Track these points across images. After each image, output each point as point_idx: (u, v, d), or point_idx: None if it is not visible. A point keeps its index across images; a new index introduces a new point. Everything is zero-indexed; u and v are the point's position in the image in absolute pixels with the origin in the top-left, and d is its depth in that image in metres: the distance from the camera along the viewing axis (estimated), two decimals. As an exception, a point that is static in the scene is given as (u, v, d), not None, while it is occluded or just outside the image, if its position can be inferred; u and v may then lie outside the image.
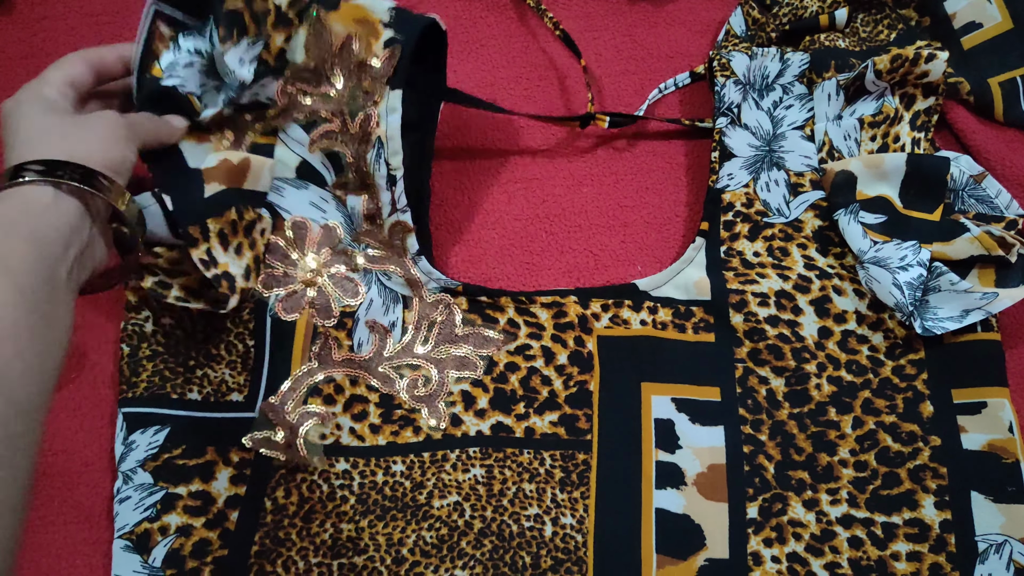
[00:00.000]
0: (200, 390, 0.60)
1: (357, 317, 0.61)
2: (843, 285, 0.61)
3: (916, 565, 0.54)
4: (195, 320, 0.61)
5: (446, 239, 0.67)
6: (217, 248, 0.57)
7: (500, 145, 0.70)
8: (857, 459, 0.57)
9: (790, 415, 0.58)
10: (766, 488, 0.57)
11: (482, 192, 0.69)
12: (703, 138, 0.70)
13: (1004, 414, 0.57)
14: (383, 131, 0.61)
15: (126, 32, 0.73)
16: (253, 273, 0.60)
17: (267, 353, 0.60)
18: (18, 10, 0.74)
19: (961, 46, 0.68)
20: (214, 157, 0.58)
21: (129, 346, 0.60)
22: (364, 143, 0.61)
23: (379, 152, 0.61)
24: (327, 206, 0.62)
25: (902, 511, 0.56)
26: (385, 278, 0.62)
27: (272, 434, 0.58)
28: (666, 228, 0.67)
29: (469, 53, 0.73)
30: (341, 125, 0.61)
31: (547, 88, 0.72)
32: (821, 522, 0.56)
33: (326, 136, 0.61)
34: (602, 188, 0.69)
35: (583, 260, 0.66)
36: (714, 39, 0.73)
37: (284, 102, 0.61)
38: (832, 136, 0.64)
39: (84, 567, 0.58)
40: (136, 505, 0.57)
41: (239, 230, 0.59)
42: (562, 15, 0.74)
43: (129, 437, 0.58)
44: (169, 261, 0.58)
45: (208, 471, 0.58)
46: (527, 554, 0.56)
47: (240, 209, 0.59)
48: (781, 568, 0.55)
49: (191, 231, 0.56)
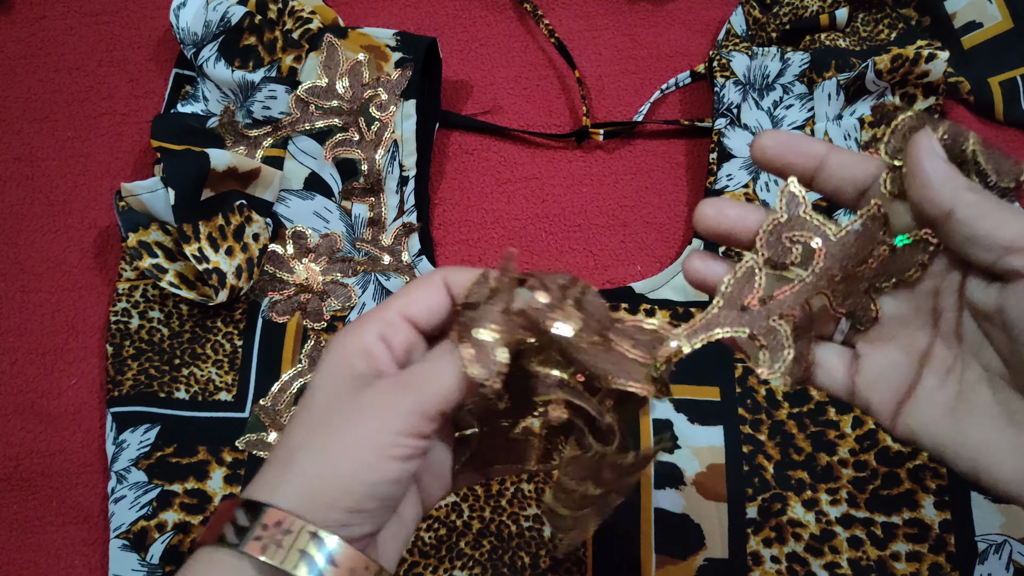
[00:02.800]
0: (187, 389, 0.60)
1: (349, 320, 0.61)
2: (843, 285, 0.61)
3: (916, 565, 0.54)
4: (182, 318, 0.61)
5: (446, 239, 0.67)
6: (208, 249, 0.59)
7: (500, 145, 0.70)
8: (857, 459, 0.57)
9: (789, 414, 0.58)
10: (765, 488, 0.57)
11: (482, 192, 0.69)
12: (703, 137, 0.70)
13: (1005, 414, 0.57)
14: (399, 135, 0.64)
15: (126, 32, 0.73)
16: (245, 273, 0.60)
17: (255, 353, 0.61)
18: (17, 10, 0.74)
19: (961, 46, 0.68)
20: (224, 161, 0.60)
21: (112, 345, 0.61)
22: (379, 148, 0.63)
23: (394, 155, 0.64)
24: (330, 216, 0.64)
25: (902, 511, 0.55)
26: (384, 279, 0.62)
27: (264, 435, 0.58)
28: (666, 228, 0.67)
29: (469, 53, 0.73)
30: (357, 133, 0.64)
31: (547, 88, 0.72)
32: (821, 522, 0.56)
33: (341, 144, 0.64)
34: (602, 188, 0.69)
35: (583, 260, 0.66)
36: (714, 39, 0.73)
37: (298, 113, 0.64)
38: (832, 136, 0.64)
39: (82, 567, 0.58)
40: (132, 504, 0.57)
41: (228, 234, 0.60)
42: (562, 15, 0.74)
43: (119, 436, 0.58)
44: (172, 242, 0.60)
45: (202, 470, 0.58)
46: (526, 554, 0.56)
47: (227, 215, 0.61)
48: (780, 568, 0.55)
49: (184, 228, 0.59)
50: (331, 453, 0.34)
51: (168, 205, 0.58)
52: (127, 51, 0.73)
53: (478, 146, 0.70)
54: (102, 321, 0.64)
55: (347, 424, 0.34)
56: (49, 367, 0.63)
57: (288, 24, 0.66)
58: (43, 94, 0.71)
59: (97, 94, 0.71)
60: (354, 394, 0.35)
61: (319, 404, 0.35)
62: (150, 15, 0.74)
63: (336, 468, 0.33)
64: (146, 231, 0.60)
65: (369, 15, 0.74)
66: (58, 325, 0.64)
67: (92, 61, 0.73)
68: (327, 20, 0.68)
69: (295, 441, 0.35)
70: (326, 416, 0.35)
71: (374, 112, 0.64)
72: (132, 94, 0.71)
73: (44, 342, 0.64)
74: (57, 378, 0.63)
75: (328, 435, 0.34)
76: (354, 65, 0.65)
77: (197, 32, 0.64)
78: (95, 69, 0.72)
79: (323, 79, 0.64)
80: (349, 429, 0.34)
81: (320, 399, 0.35)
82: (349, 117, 0.64)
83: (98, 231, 0.67)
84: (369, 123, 0.64)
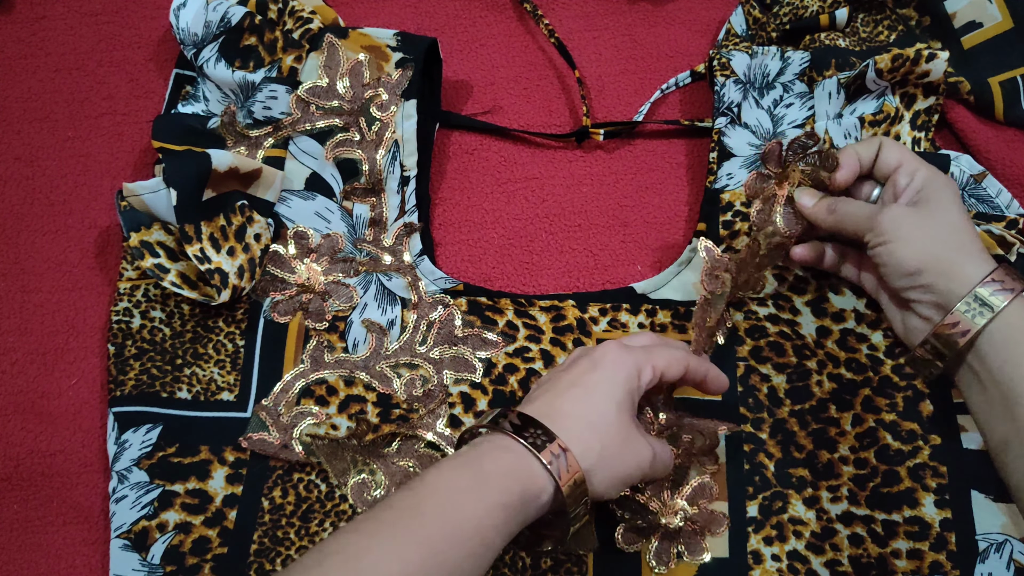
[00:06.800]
0: (189, 389, 0.60)
1: (351, 320, 0.61)
2: (840, 284, 0.61)
3: (916, 563, 0.54)
4: (184, 318, 0.61)
5: (446, 239, 0.67)
6: (209, 249, 0.59)
7: (500, 145, 0.70)
8: (857, 456, 0.57)
9: (791, 412, 0.58)
10: (766, 486, 0.57)
11: (482, 192, 0.69)
12: (703, 137, 0.70)
13: (1004, 413, 0.57)
14: (400, 135, 0.64)
15: (126, 32, 0.73)
16: (247, 273, 0.60)
17: (257, 353, 0.61)
18: (18, 10, 0.74)
19: (961, 46, 0.68)
20: (225, 161, 0.60)
21: (114, 345, 0.61)
22: (380, 148, 0.63)
23: (395, 155, 0.64)
24: (332, 216, 0.64)
25: (902, 509, 0.55)
26: (385, 279, 0.62)
27: (266, 435, 0.58)
28: (666, 228, 0.67)
29: (469, 53, 0.73)
30: (358, 133, 0.64)
31: (547, 88, 0.72)
32: (821, 520, 0.56)
33: (342, 144, 0.64)
34: (602, 188, 0.69)
35: (583, 260, 0.66)
36: (714, 39, 0.73)
37: (299, 113, 0.64)
38: (833, 134, 0.64)
39: (83, 567, 0.58)
40: (133, 504, 0.57)
41: (229, 235, 0.60)
42: (562, 15, 0.74)
43: (121, 436, 0.58)
44: (175, 242, 0.60)
45: (203, 470, 0.58)
46: (527, 554, 0.56)
47: (229, 215, 0.61)
48: (781, 566, 0.55)
49: (186, 228, 0.59)
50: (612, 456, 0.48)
51: (170, 205, 0.58)
52: (127, 51, 0.73)
53: (478, 146, 0.70)
54: (102, 321, 0.64)
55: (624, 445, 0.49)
56: (50, 367, 0.63)
57: (288, 24, 0.66)
58: (43, 94, 0.71)
59: (97, 94, 0.71)
60: (629, 415, 0.50)
61: (603, 396, 0.49)
62: (150, 15, 0.74)
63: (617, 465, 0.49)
64: (148, 231, 0.60)
65: (369, 15, 0.74)
66: (58, 325, 0.64)
67: (92, 61, 0.73)
68: (327, 20, 0.68)
69: (591, 424, 0.48)
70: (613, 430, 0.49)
71: (375, 112, 0.64)
72: (132, 94, 0.71)
73: (45, 342, 0.63)
74: (58, 378, 0.62)
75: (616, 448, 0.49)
76: (355, 65, 0.65)
77: (197, 32, 0.64)
78: (95, 69, 0.72)
79: (324, 79, 0.64)
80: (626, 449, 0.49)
81: (606, 391, 0.49)
82: (350, 117, 0.64)
83: (98, 231, 0.67)
84: (370, 123, 0.64)
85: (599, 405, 0.48)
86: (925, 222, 0.54)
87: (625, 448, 0.49)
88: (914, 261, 0.54)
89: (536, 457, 0.45)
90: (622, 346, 0.51)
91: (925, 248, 0.54)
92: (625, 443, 0.49)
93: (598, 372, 0.50)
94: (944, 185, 0.55)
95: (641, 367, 0.50)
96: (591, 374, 0.50)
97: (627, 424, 0.49)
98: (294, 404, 0.59)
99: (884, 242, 0.55)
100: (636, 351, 0.51)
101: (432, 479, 0.45)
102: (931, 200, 0.55)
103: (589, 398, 0.49)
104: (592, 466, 0.47)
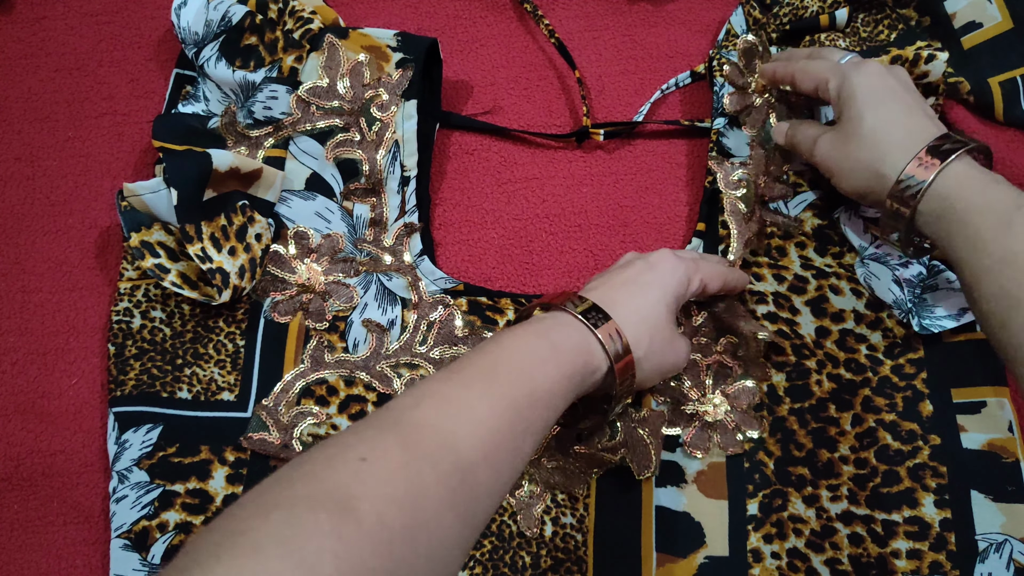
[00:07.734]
0: (190, 389, 0.60)
1: (351, 320, 0.61)
2: (840, 284, 0.61)
3: (916, 563, 0.54)
4: (184, 318, 0.61)
5: (446, 239, 0.67)
6: (211, 249, 0.59)
7: (500, 145, 0.70)
8: (857, 456, 0.57)
9: (791, 410, 0.58)
10: (766, 484, 0.57)
11: (482, 192, 0.69)
12: (703, 137, 0.70)
13: (1004, 413, 0.57)
14: (400, 135, 0.64)
15: (126, 32, 0.73)
16: (248, 273, 0.60)
17: (258, 353, 0.61)
18: (18, 10, 0.74)
19: (961, 46, 0.68)
20: (225, 161, 0.60)
21: (115, 345, 0.61)
22: (380, 149, 0.63)
23: (395, 155, 0.64)
24: (332, 216, 0.64)
25: (902, 509, 0.56)
26: (386, 279, 0.62)
27: (267, 435, 0.58)
28: (666, 228, 0.67)
29: (469, 53, 0.73)
30: (358, 133, 0.64)
31: (547, 88, 0.72)
32: (821, 518, 0.56)
33: (342, 145, 0.64)
34: (602, 188, 0.69)
35: (583, 260, 0.66)
36: (714, 39, 0.73)
37: (299, 113, 0.64)
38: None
39: (83, 567, 0.58)
40: (133, 504, 0.57)
41: (230, 235, 0.60)
42: (562, 15, 0.74)
43: (122, 436, 0.58)
44: (175, 242, 0.60)
45: (204, 470, 0.58)
46: (527, 554, 0.56)
47: (229, 215, 0.61)
48: (781, 564, 0.55)
49: (187, 228, 0.59)
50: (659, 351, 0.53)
51: (170, 205, 0.58)
52: (127, 51, 0.73)
53: (478, 146, 0.70)
54: (103, 321, 0.64)
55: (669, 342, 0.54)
56: (50, 367, 0.63)
57: (289, 24, 0.66)
58: (44, 94, 0.72)
59: (98, 94, 0.72)
60: (674, 316, 0.55)
61: (656, 296, 0.53)
62: (150, 15, 0.74)
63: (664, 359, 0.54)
64: (148, 231, 0.60)
65: (370, 15, 0.74)
66: (59, 325, 0.64)
67: (92, 61, 0.73)
68: (328, 20, 0.68)
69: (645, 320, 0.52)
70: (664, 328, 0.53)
71: (375, 112, 0.64)
72: (133, 94, 0.71)
73: (45, 342, 0.64)
74: (58, 378, 0.63)
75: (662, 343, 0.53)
76: (355, 65, 0.65)
77: (198, 32, 0.64)
78: (95, 69, 0.72)
79: (324, 79, 0.64)
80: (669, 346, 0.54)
81: (658, 292, 0.53)
82: (350, 117, 0.64)
83: (99, 231, 0.67)
84: (370, 123, 0.64)
85: (652, 303, 0.53)
86: (847, 146, 0.56)
87: (668, 345, 0.53)
88: (851, 191, 0.58)
89: (596, 337, 0.49)
90: (676, 255, 0.56)
91: (855, 176, 0.56)
92: (669, 341, 0.53)
93: (653, 273, 0.54)
94: (856, 87, 0.56)
95: (691, 277, 0.55)
96: (647, 274, 0.54)
97: (672, 324, 0.54)
98: (294, 404, 0.59)
99: (826, 174, 0.59)
100: (687, 261, 0.56)
101: (510, 344, 0.47)
102: (848, 115, 0.57)
103: (644, 296, 0.53)
104: (642, 356, 0.51)
